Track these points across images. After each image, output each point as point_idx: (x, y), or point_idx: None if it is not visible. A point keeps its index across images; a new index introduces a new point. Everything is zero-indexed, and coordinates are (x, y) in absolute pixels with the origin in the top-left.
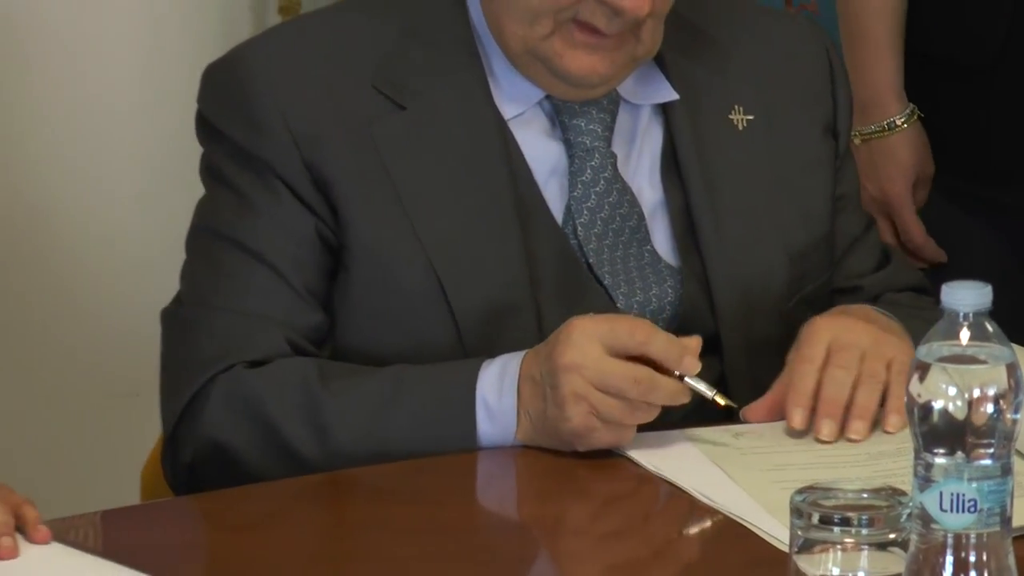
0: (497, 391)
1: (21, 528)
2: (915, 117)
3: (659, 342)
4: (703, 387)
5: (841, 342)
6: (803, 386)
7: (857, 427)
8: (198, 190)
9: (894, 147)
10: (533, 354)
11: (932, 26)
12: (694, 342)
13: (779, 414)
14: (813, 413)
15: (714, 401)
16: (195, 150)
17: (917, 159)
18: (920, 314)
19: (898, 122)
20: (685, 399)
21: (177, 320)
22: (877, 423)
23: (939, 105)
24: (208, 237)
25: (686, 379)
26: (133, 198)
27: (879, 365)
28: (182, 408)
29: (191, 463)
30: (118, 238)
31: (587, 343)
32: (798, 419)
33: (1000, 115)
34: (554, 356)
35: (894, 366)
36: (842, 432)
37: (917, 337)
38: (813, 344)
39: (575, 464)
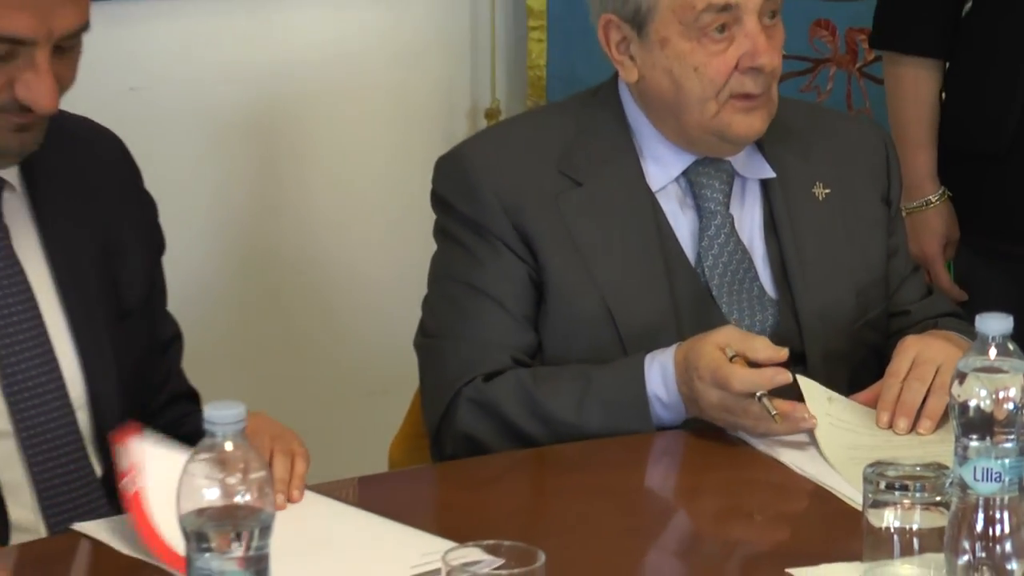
0: (664, 389)
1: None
2: (945, 196)
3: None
4: (768, 405)
5: (922, 358)
6: (889, 395)
7: (926, 425)
8: (431, 239)
9: (929, 219)
10: (680, 361)
11: (959, 123)
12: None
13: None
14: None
15: (774, 418)
16: (428, 212)
17: (946, 227)
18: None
19: (932, 200)
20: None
21: (429, 350)
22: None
23: (966, 182)
24: (446, 282)
25: (762, 399)
26: (383, 245)
27: (949, 378)
28: (441, 415)
29: (452, 454)
30: (372, 275)
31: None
32: (884, 419)
33: (1013, 189)
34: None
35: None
36: (913, 427)
37: None
38: (901, 360)
39: (705, 445)
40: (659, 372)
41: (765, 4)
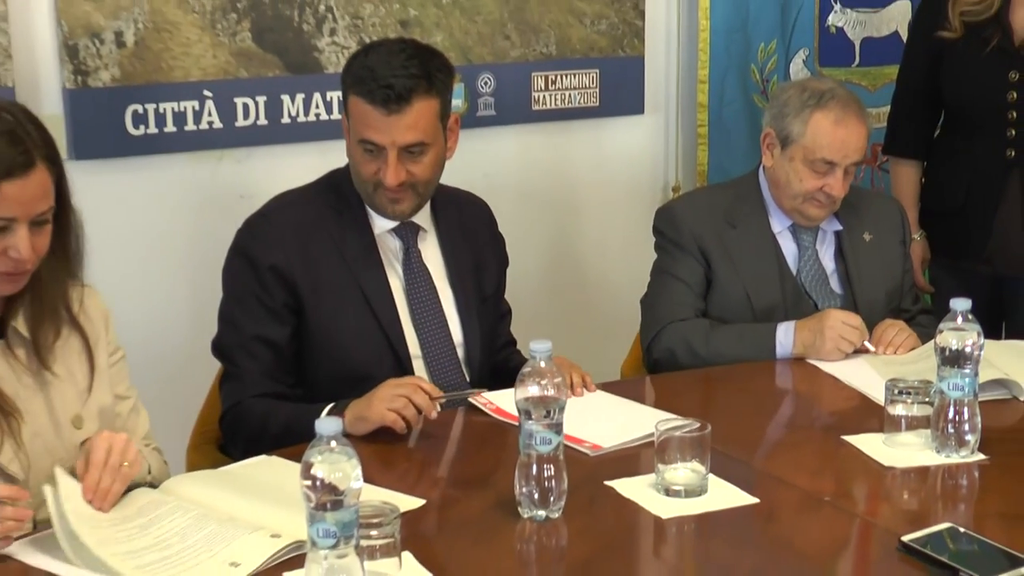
0: (785, 337)
1: None
2: (923, 235)
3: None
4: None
5: (896, 327)
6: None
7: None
8: (651, 251)
9: (914, 248)
10: (801, 325)
11: (931, 194)
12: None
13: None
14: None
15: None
16: (650, 238)
17: (923, 253)
18: (926, 331)
19: (916, 238)
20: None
21: (648, 306)
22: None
23: (936, 227)
24: (660, 272)
25: None
26: (626, 255)
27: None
28: (651, 339)
29: (655, 362)
30: (619, 272)
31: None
32: (881, 349)
33: (966, 231)
34: (821, 327)
35: (909, 339)
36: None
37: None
38: (883, 326)
39: (792, 371)
40: (783, 328)
41: (850, 167)
